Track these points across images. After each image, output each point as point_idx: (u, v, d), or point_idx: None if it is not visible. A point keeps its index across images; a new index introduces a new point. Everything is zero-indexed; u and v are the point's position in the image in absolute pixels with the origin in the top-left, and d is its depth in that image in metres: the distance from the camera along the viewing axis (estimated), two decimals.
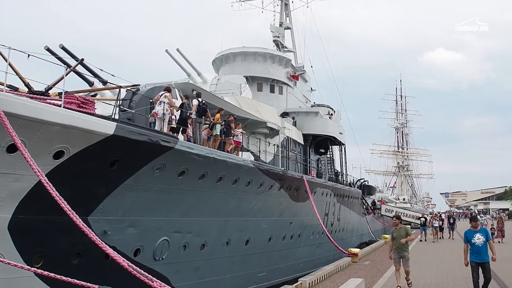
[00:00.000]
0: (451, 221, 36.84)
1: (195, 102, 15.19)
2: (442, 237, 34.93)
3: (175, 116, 14.36)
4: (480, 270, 10.72)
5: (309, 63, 40.57)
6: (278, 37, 36.52)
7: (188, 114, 14.73)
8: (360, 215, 39.31)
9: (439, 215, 47.71)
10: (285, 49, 37.18)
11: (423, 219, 35.28)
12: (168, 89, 14.07)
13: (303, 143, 31.17)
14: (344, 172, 39.69)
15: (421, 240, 32.40)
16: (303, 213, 23.06)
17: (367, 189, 49.76)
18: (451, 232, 36.01)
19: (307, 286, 13.40)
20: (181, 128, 14.43)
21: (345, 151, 39.87)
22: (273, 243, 20.31)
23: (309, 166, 31.18)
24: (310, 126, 32.06)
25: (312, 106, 37.41)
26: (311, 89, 41.02)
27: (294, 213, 22.13)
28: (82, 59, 14.05)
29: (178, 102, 15.78)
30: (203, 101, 15.58)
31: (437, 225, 34.16)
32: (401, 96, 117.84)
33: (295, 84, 34.35)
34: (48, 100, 10.34)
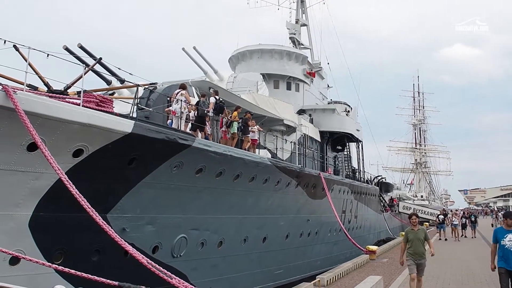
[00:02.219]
0: (473, 219, 36.02)
1: (212, 100, 15.22)
2: (465, 235, 34.30)
3: (194, 114, 14.43)
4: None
5: (326, 60, 40.36)
6: (294, 34, 36.40)
7: (205, 112, 14.77)
8: (378, 212, 39.08)
9: (460, 212, 47.00)
10: (302, 46, 37.04)
11: (442, 216, 34.46)
12: (183, 87, 14.10)
13: (320, 140, 31.07)
14: (361, 169, 39.45)
15: (440, 239, 31.86)
16: (320, 210, 23.00)
17: (385, 186, 49.40)
18: (473, 230, 35.29)
19: (325, 284, 13.38)
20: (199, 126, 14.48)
21: (362, 148, 39.64)
22: (290, 241, 20.29)
23: (326, 163, 31.06)
24: (327, 123, 31.93)
25: (329, 103, 37.29)
26: (328, 86, 40.85)
27: (311, 210, 22.08)
28: (100, 58, 14.15)
29: (194, 100, 15.84)
30: (221, 99, 15.61)
31: (457, 223, 33.35)
32: (418, 92, 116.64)
33: (312, 81, 34.24)
34: (67, 99, 10.43)
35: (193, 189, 13.60)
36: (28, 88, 10.41)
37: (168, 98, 14.41)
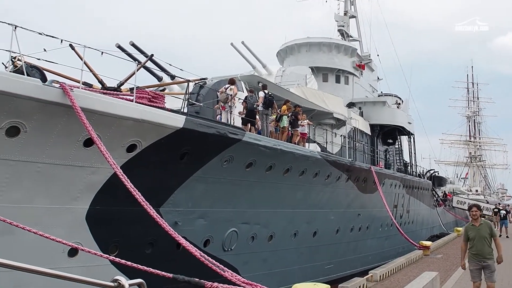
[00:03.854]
0: None
1: (261, 94, 15.23)
2: None
3: (244, 108, 14.53)
4: None
5: (375, 51, 39.70)
6: (343, 26, 35.89)
7: (254, 106, 14.80)
8: (431, 207, 38.18)
9: None
10: (350, 38, 36.46)
11: (504, 212, 32.14)
12: (232, 82, 14.19)
13: (370, 134, 30.58)
14: (413, 163, 38.58)
15: (501, 235, 30.11)
16: (371, 204, 22.69)
17: (438, 180, 48.08)
18: None
19: (377, 279, 13.15)
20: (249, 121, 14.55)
21: (414, 141, 38.74)
22: (341, 235, 20.13)
23: (377, 157, 30.56)
24: (378, 116, 31.35)
25: (379, 96, 36.62)
26: (378, 78, 40.11)
27: (362, 204, 21.83)
28: (152, 55, 14.39)
29: (244, 95, 15.90)
30: (270, 93, 15.61)
31: None
32: (472, 83, 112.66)
33: (361, 74, 33.69)
34: (120, 96, 10.67)
35: (244, 183, 13.67)
36: (84, 86, 10.71)
37: (218, 93, 14.53)
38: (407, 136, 37.58)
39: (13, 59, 9.57)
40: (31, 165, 9.01)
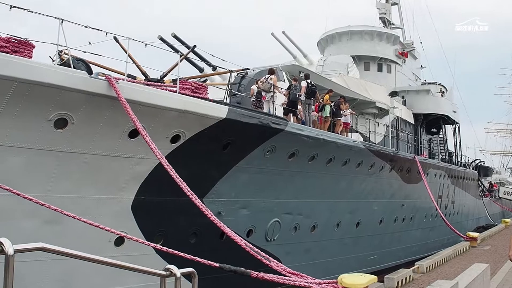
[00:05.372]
0: None
1: (304, 83, 15.10)
2: None
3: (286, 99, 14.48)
4: None
5: (418, 39, 38.67)
6: (385, 13, 35.09)
7: (297, 96, 14.69)
8: (476, 197, 37.18)
9: None
10: (393, 26, 35.66)
11: None
12: (271, 71, 14.14)
13: (413, 123, 29.93)
14: (458, 152, 37.58)
15: None
16: (415, 195, 22.25)
17: (483, 170, 46.71)
18: None
19: (424, 271, 12.89)
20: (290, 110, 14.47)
21: (459, 131, 37.70)
22: (384, 226, 19.83)
23: (421, 146, 29.91)
24: (421, 105, 30.60)
25: (422, 84, 35.75)
26: (421, 66, 39.14)
27: (405, 195, 21.43)
28: (194, 46, 14.41)
29: (285, 85, 15.82)
30: (312, 83, 15.46)
31: None
32: None
33: (404, 62, 32.95)
34: (163, 87, 10.76)
35: (286, 173, 13.60)
36: (128, 78, 10.84)
37: (259, 83, 14.50)
38: (452, 125, 36.62)
39: (60, 53, 9.77)
40: (78, 156, 9.20)
